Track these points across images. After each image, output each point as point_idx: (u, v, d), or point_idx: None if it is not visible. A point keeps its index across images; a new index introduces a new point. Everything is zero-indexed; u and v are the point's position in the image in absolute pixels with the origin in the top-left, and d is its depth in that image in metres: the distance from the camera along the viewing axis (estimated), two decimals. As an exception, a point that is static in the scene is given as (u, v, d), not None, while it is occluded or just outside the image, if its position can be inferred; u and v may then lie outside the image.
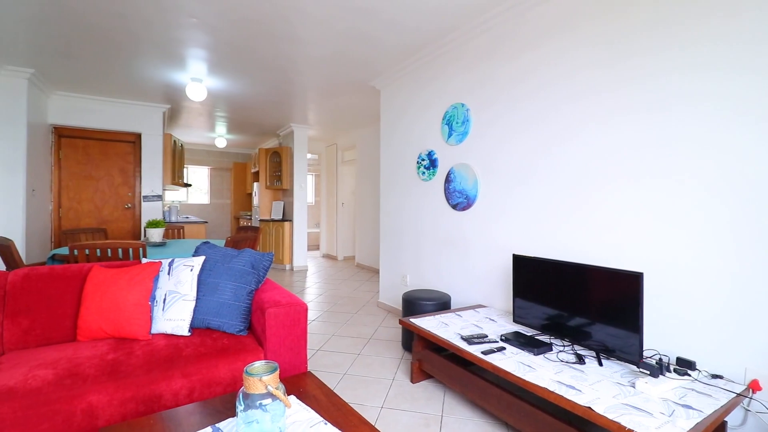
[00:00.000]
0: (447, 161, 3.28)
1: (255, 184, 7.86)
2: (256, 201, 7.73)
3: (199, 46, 3.44)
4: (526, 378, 1.66)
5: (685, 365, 1.71)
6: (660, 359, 1.66)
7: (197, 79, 4.30)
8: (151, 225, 3.63)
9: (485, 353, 1.89)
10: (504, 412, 1.83)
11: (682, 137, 1.81)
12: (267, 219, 7.11)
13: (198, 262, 2.06)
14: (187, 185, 7.46)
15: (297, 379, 1.57)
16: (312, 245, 9.26)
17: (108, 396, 1.51)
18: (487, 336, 2.12)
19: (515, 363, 1.81)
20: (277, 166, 7.11)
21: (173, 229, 4.81)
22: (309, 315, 3.90)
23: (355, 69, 3.95)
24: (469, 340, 2.04)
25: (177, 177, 6.36)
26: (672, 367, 1.70)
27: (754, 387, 1.57)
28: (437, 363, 2.27)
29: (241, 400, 1.09)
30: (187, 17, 2.91)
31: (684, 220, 1.81)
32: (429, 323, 2.39)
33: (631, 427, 1.29)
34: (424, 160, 3.53)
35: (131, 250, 2.71)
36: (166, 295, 1.94)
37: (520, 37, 2.62)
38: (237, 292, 2.00)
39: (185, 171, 7.52)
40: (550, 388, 1.57)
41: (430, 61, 3.47)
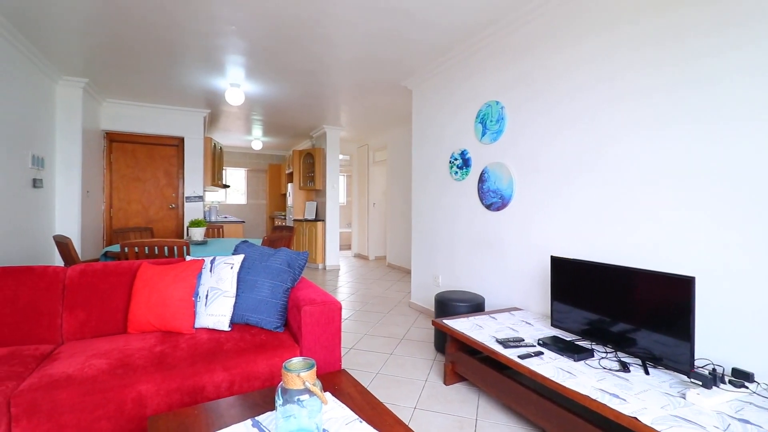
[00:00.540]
0: (481, 160, 3.23)
1: (289, 184, 8.06)
2: (290, 201, 7.93)
3: (238, 52, 3.57)
4: (566, 385, 1.60)
5: (742, 377, 1.59)
6: (713, 369, 1.55)
7: (235, 84, 4.46)
8: (194, 224, 3.80)
9: (522, 357, 1.84)
10: (542, 418, 1.78)
11: (738, 137, 1.68)
12: (300, 219, 7.27)
13: (237, 260, 2.14)
14: (226, 186, 7.76)
15: (332, 377, 1.59)
16: (344, 245, 9.38)
17: (156, 386, 1.59)
18: (524, 340, 2.06)
19: (554, 369, 1.75)
20: (310, 167, 7.25)
21: (213, 229, 5.02)
22: (342, 314, 3.95)
23: (387, 70, 3.96)
24: (505, 343, 1.99)
25: (216, 178, 6.63)
26: (727, 379, 1.58)
27: (824, 404, 1.44)
28: (471, 366, 2.23)
29: (280, 394, 1.12)
30: (227, 25, 3.03)
31: (739, 222, 1.68)
32: (463, 325, 2.35)
33: (683, 441, 1.22)
34: (456, 159, 3.49)
35: (176, 248, 2.85)
36: (208, 292, 2.03)
37: (560, 34, 2.53)
38: (274, 289, 2.06)
39: (224, 173, 7.82)
40: (592, 396, 1.50)
41: (463, 60, 3.42)
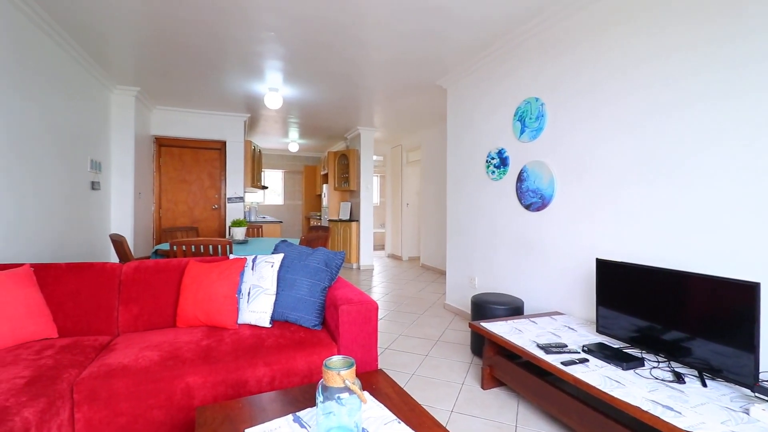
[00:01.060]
0: (519, 159, 3.14)
1: (324, 185, 8.21)
2: (325, 202, 8.08)
3: (276, 57, 3.68)
4: (614, 394, 1.52)
5: (818, 394, 1.44)
6: (784, 385, 1.42)
7: (274, 89, 4.60)
8: (236, 224, 3.96)
9: (565, 364, 1.77)
10: (586, 428, 1.70)
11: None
12: (335, 219, 7.39)
13: (277, 259, 2.20)
14: (264, 188, 8.02)
15: (369, 376, 1.60)
16: (377, 245, 9.43)
17: (202, 378, 1.67)
18: (567, 346, 1.98)
19: (600, 377, 1.67)
20: (345, 168, 7.35)
21: (253, 228, 5.20)
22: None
23: (421, 69, 3.94)
24: (547, 348, 1.92)
25: (255, 180, 6.87)
26: (800, 395, 1.45)
27: None
28: (510, 370, 2.17)
29: (320, 392, 1.14)
30: (267, 31, 3.13)
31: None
32: (501, 328, 2.30)
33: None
34: (493, 158, 3.41)
35: (220, 246, 2.98)
36: (250, 289, 2.11)
37: (609, 27, 2.41)
38: (312, 288, 2.10)
39: (262, 174, 8.09)
40: (643, 407, 1.42)
41: (500, 56, 3.34)
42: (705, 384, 1.58)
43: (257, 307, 2.06)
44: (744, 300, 1.50)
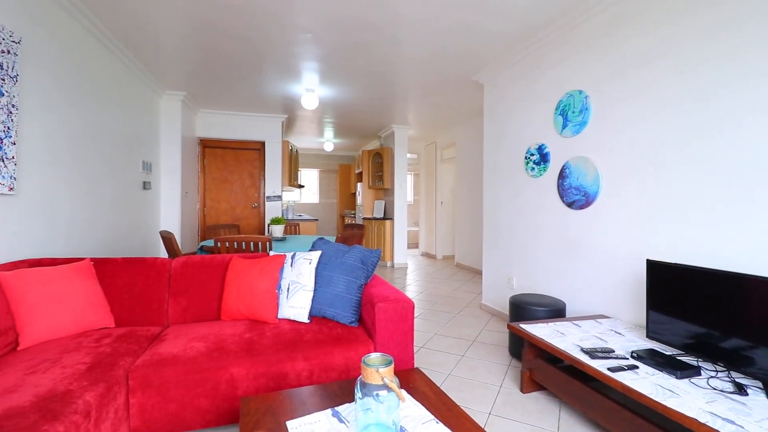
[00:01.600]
0: (561, 155, 3.01)
1: (358, 184, 8.29)
2: (359, 200, 8.15)
3: (312, 58, 3.75)
4: (667, 404, 1.42)
5: None
6: None
7: (310, 89, 4.69)
8: (274, 222, 4.08)
9: (613, 370, 1.68)
10: (636, 438, 1.61)
11: None
12: (369, 217, 7.44)
13: (315, 256, 2.25)
14: (301, 186, 8.22)
15: (406, 374, 1.60)
16: (411, 243, 9.40)
17: (245, 370, 1.73)
18: (614, 351, 1.88)
19: (652, 385, 1.57)
20: (379, 166, 7.38)
21: (290, 226, 5.34)
22: (411, 312, 3.95)
23: (457, 65, 3.87)
24: (592, 353, 1.84)
25: (292, 179, 7.05)
26: None
27: None
28: (552, 374, 2.09)
29: (359, 388, 1.15)
30: (304, 33, 3.20)
31: None
32: (542, 331, 2.22)
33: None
34: (533, 154, 3.30)
35: (260, 243, 3.08)
36: (289, 285, 2.16)
37: (658, 9, 2.27)
38: (349, 285, 2.13)
39: (299, 173, 8.30)
40: (700, 419, 1.32)
41: (539, 48, 3.22)
42: (772, 397, 1.45)
43: (296, 303, 2.11)
44: (820, 307, 1.36)
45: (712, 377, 1.63)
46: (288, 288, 2.16)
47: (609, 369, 1.69)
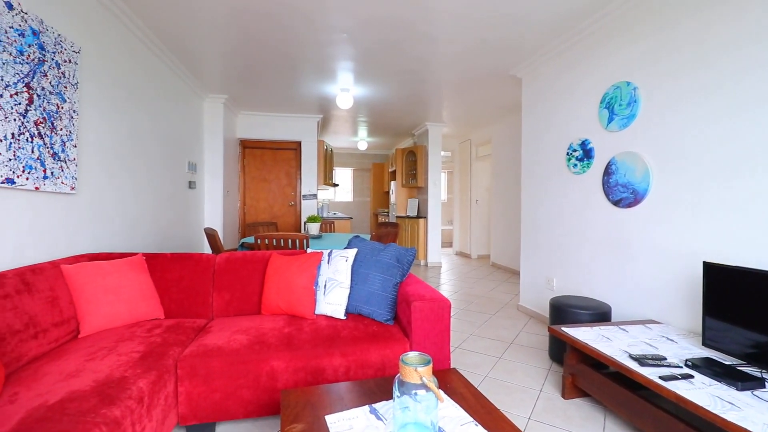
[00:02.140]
0: (606, 151, 2.86)
1: (392, 182, 8.29)
2: (393, 198, 8.15)
3: (347, 58, 3.78)
4: (727, 418, 1.32)
5: None
6: None
7: (345, 89, 4.74)
8: (310, 220, 4.16)
9: (664, 379, 1.58)
10: (691, 453, 1.50)
11: None
12: (403, 216, 7.42)
13: (351, 253, 2.27)
14: (335, 185, 8.33)
15: (443, 374, 1.58)
16: (445, 242, 9.30)
17: (285, 363, 1.78)
18: (666, 358, 1.76)
19: (709, 396, 1.46)
20: (413, 164, 7.35)
21: (326, 224, 5.43)
22: (445, 312, 3.91)
23: (493, 59, 3.77)
24: (641, 360, 1.73)
25: (327, 178, 7.16)
26: None
27: None
28: (597, 381, 2.00)
29: (397, 386, 1.14)
30: (339, 33, 3.23)
31: None
32: (586, 335, 2.12)
33: None
34: (575, 150, 3.16)
35: (298, 240, 3.16)
36: (326, 282, 2.20)
37: (714, -8, 2.10)
38: (384, 283, 2.13)
39: (333, 172, 8.42)
40: (768, 436, 1.21)
41: (582, 39, 3.07)
42: None
43: (333, 299, 2.14)
44: None
45: (780, 391, 1.50)
46: (325, 285, 2.20)
47: (660, 377, 1.59)
